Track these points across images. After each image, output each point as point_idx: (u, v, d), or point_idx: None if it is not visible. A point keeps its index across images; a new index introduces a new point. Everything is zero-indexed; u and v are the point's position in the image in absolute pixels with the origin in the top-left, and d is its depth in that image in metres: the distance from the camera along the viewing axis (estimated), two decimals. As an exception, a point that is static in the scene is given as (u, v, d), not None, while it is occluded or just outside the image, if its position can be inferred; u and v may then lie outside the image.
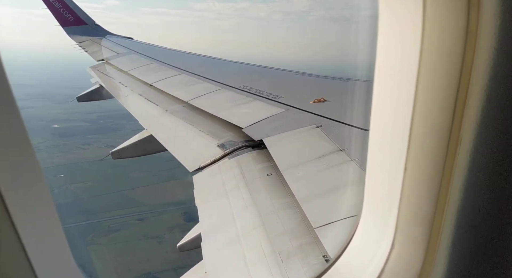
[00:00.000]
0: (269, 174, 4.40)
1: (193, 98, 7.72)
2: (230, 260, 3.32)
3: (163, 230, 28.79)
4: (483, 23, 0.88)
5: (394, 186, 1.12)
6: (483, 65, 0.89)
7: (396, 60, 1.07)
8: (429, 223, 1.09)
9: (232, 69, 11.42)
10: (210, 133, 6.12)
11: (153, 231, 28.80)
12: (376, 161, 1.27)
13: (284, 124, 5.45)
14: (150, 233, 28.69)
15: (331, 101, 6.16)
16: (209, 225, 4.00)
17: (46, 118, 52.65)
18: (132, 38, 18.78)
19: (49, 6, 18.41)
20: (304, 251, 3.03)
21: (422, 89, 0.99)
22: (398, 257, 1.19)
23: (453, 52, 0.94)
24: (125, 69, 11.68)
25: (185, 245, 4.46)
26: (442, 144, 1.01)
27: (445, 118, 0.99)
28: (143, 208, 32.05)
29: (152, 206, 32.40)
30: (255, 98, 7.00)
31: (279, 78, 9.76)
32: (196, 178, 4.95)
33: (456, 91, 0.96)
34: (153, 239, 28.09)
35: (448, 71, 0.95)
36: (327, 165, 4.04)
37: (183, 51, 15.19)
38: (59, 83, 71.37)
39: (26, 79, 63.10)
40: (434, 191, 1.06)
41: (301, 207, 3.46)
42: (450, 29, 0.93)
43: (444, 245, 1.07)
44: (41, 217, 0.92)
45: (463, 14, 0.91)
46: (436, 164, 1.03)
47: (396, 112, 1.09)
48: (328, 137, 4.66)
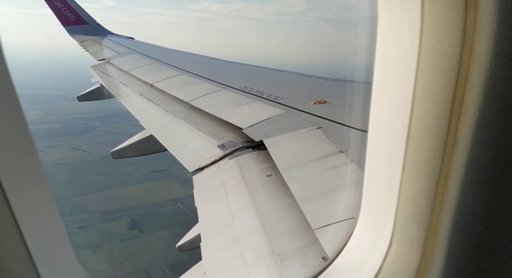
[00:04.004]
0: (269, 175, 4.40)
1: (194, 98, 7.73)
2: (229, 260, 3.32)
3: (102, 239, 27.64)
4: (480, 25, 0.89)
5: (392, 186, 1.13)
6: (480, 66, 0.89)
7: (395, 61, 1.08)
8: (427, 223, 1.10)
9: (233, 70, 11.42)
10: (210, 133, 6.12)
11: (90, 240, 27.29)
12: (374, 161, 1.27)
13: (285, 126, 5.46)
14: (87, 242, 27.17)
15: (332, 103, 6.17)
16: (208, 226, 4.01)
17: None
18: (133, 38, 18.82)
19: (51, 5, 18.45)
20: (303, 252, 3.03)
21: (420, 89, 1.00)
22: (396, 256, 1.19)
23: (451, 53, 0.94)
24: (126, 69, 11.69)
25: (184, 245, 4.46)
26: (439, 144, 1.02)
27: (443, 118, 1.00)
28: (89, 215, 30.41)
29: (99, 213, 30.84)
30: (256, 99, 7.00)
31: (280, 79, 9.76)
32: (196, 178, 4.95)
33: (454, 91, 0.97)
34: (88, 249, 26.35)
35: (446, 71, 0.96)
36: (327, 167, 4.04)
37: (184, 51, 15.22)
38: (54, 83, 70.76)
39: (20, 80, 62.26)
40: (432, 191, 1.06)
41: (300, 208, 3.46)
42: (448, 30, 0.94)
43: (441, 245, 1.08)
44: (44, 216, 0.93)
45: (460, 15, 0.91)
46: (434, 164, 1.04)
47: (394, 112, 1.10)
48: (328, 139, 4.67)
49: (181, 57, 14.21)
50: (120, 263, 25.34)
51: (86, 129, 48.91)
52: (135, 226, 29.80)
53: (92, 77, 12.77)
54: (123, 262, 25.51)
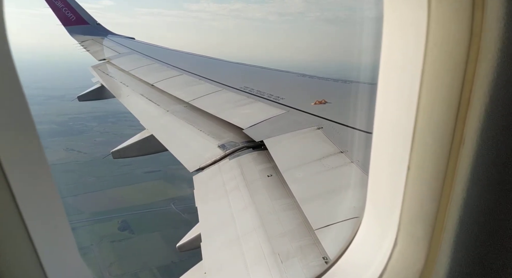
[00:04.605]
0: (270, 175, 4.40)
1: (194, 98, 7.73)
2: (229, 260, 3.31)
3: (92, 240, 27.34)
4: (487, 25, 0.89)
5: (397, 185, 1.13)
6: (486, 66, 0.89)
7: (400, 61, 1.08)
8: (432, 222, 1.09)
9: (233, 70, 11.43)
10: (211, 133, 6.12)
11: (80, 242, 26.75)
12: (379, 160, 1.27)
13: (285, 126, 5.46)
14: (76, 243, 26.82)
15: (332, 103, 6.16)
16: (209, 226, 4.00)
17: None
18: (133, 38, 18.83)
19: (52, 5, 18.47)
20: (304, 252, 3.03)
21: (426, 89, 1.00)
22: (401, 255, 1.19)
23: (457, 53, 0.94)
24: (127, 69, 11.69)
25: (185, 245, 4.45)
26: (445, 143, 1.01)
27: (449, 118, 0.99)
28: (80, 216, 29.96)
29: (91, 214, 30.51)
30: (256, 99, 7.00)
31: (280, 79, 9.77)
32: (196, 178, 4.95)
33: (460, 92, 0.96)
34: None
35: (452, 72, 0.96)
36: (327, 167, 4.04)
37: (185, 51, 15.23)
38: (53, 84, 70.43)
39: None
40: (437, 190, 1.06)
41: (301, 208, 3.46)
42: (454, 30, 0.93)
43: (446, 244, 1.07)
44: (50, 216, 0.93)
45: (467, 15, 0.91)
46: (439, 163, 1.04)
47: (400, 112, 1.09)
48: (329, 139, 4.66)
49: (182, 57, 14.22)
50: (109, 265, 25.05)
51: (82, 129, 48.65)
52: (126, 227, 29.49)
53: (92, 77, 12.77)
54: (111, 263, 25.22)
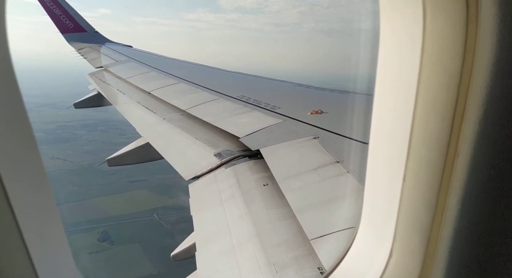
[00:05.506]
0: (266, 184, 4.39)
1: (191, 107, 7.74)
2: (224, 270, 3.28)
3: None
4: (481, 39, 0.90)
5: (393, 196, 1.13)
6: (481, 80, 0.90)
7: (396, 75, 1.10)
8: (427, 233, 1.10)
9: (230, 79, 11.48)
10: (207, 142, 6.12)
11: None
12: (375, 171, 1.28)
13: (281, 135, 5.47)
14: None
15: (329, 113, 6.20)
16: (203, 235, 3.97)
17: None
18: (131, 46, 18.89)
19: (50, 13, 18.53)
20: (299, 262, 3.01)
21: (421, 102, 1.01)
22: (396, 266, 1.19)
23: (452, 67, 0.96)
24: (124, 77, 11.70)
25: (179, 254, 4.40)
26: (440, 155, 1.03)
27: (444, 130, 1.00)
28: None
29: (70, 224, 29.49)
30: (253, 108, 7.03)
31: (277, 89, 9.82)
32: (192, 187, 4.93)
33: (455, 104, 0.98)
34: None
35: (447, 85, 0.97)
36: (323, 177, 4.04)
37: (182, 60, 15.28)
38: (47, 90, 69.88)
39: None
40: (432, 201, 1.07)
41: (297, 218, 3.45)
42: (449, 44, 0.95)
43: (441, 255, 1.07)
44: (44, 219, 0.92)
45: (461, 30, 0.93)
46: (434, 175, 1.04)
47: (396, 123, 1.11)
48: (325, 149, 4.67)
49: (179, 65, 14.27)
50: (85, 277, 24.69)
51: (69, 138, 48.01)
52: (106, 238, 28.93)
53: (89, 85, 12.76)
54: (87, 276, 24.85)
